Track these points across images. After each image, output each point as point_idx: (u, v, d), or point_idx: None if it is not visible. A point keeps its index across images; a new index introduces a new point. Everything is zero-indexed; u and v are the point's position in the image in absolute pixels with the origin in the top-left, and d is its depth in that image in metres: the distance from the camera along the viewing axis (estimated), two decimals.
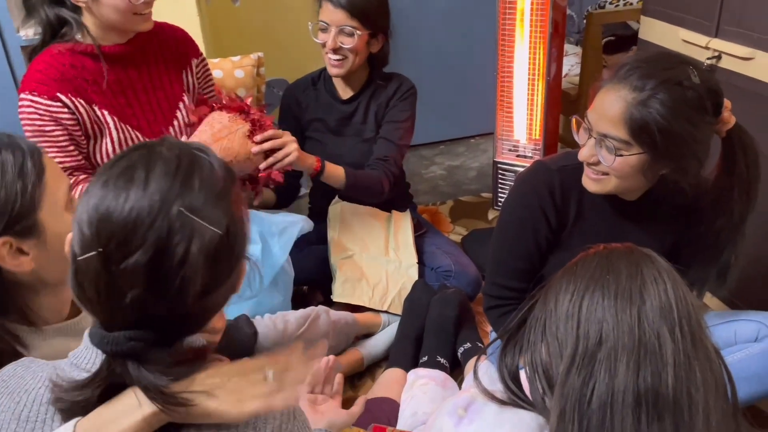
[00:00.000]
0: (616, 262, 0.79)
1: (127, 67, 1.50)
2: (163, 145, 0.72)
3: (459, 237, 2.37)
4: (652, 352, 0.73)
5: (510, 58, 2.00)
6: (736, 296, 1.79)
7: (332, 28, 1.68)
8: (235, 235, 0.71)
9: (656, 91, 1.10)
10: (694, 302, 0.75)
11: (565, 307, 0.78)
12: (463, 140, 3.23)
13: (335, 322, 1.60)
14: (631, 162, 1.16)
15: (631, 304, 0.75)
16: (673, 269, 0.77)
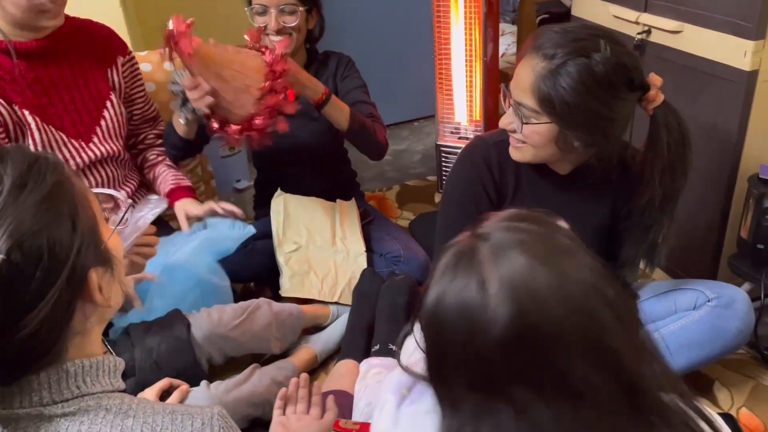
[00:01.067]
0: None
1: (47, 65, 1.42)
2: None
3: (407, 222, 2.37)
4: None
5: (446, 40, 1.99)
6: (677, 266, 1.85)
7: (271, 10, 1.63)
8: (38, 248, 0.62)
9: (564, 64, 1.10)
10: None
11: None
12: (407, 124, 3.22)
13: (278, 314, 1.57)
14: (540, 131, 1.17)
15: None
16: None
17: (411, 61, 2.79)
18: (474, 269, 0.62)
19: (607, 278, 0.62)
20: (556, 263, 0.61)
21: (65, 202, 0.66)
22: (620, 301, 0.62)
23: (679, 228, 1.79)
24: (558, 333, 0.58)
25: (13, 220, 0.61)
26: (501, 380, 0.60)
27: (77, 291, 0.66)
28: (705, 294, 1.37)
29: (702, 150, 1.67)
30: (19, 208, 0.62)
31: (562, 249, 0.63)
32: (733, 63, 1.51)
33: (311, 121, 1.79)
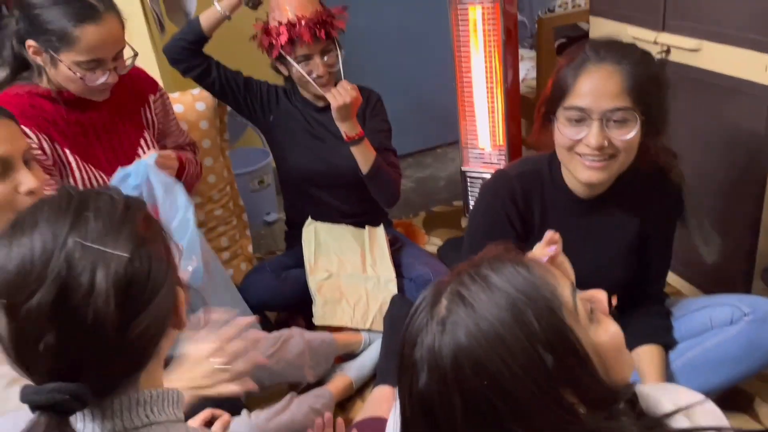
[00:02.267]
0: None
1: (86, 109, 1.49)
2: (61, 189, 0.72)
3: (435, 247, 2.39)
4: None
5: (467, 68, 2.03)
6: (710, 281, 1.83)
7: (316, 57, 1.74)
8: (148, 259, 0.69)
9: (639, 59, 1.18)
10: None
11: None
12: (430, 151, 3.26)
13: (310, 342, 1.59)
14: (638, 131, 1.18)
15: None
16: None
17: (433, 90, 2.84)
18: (432, 304, 0.66)
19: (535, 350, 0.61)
20: (482, 344, 0.62)
21: (156, 224, 0.75)
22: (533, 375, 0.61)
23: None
24: (454, 406, 0.62)
25: (131, 230, 0.69)
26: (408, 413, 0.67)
27: (171, 303, 0.73)
28: (741, 309, 1.35)
29: (729, 164, 1.68)
30: (132, 222, 0.70)
31: (500, 321, 0.62)
32: (753, 78, 1.53)
33: (343, 145, 1.85)
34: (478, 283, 0.65)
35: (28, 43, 1.37)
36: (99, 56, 1.36)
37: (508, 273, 0.65)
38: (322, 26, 1.71)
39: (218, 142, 1.96)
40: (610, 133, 1.17)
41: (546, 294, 0.63)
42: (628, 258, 1.38)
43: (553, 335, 0.61)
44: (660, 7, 1.75)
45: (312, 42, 1.71)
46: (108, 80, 1.40)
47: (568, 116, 1.19)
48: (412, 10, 2.89)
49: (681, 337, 1.42)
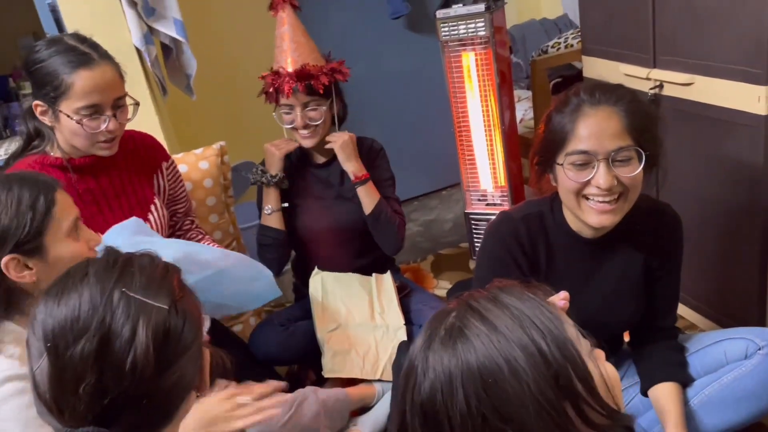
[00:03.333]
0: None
1: (98, 176, 1.51)
2: (106, 251, 0.79)
3: (444, 291, 2.37)
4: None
5: (464, 112, 2.06)
6: (723, 314, 1.81)
7: (297, 109, 1.78)
8: (183, 314, 0.74)
9: (631, 98, 1.20)
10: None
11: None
12: (435, 194, 3.28)
13: (324, 401, 1.57)
14: (638, 169, 1.19)
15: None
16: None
17: (434, 133, 2.86)
18: (433, 331, 0.66)
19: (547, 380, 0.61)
20: (493, 359, 0.61)
21: (187, 287, 0.81)
22: (547, 406, 0.60)
23: (722, 276, 1.78)
24: (455, 426, 0.61)
25: (170, 287, 0.76)
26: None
27: (199, 361, 0.77)
28: (755, 342, 1.33)
29: (730, 196, 1.67)
30: (171, 281, 0.77)
31: (510, 348, 0.62)
32: (748, 109, 1.53)
33: (345, 201, 1.88)
34: (492, 302, 0.66)
35: (35, 104, 1.40)
36: (95, 101, 1.38)
37: (521, 296, 0.66)
38: (305, 80, 1.75)
39: (223, 198, 1.98)
40: (616, 172, 1.18)
41: (557, 317, 0.65)
42: (635, 295, 1.37)
43: (563, 357, 0.62)
44: (650, 45, 1.78)
45: (290, 95, 1.76)
46: (109, 127, 1.40)
47: (572, 161, 1.20)
48: (409, 57, 2.95)
49: (696, 373, 1.39)
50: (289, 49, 1.80)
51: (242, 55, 2.70)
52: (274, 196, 1.85)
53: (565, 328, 0.64)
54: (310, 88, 1.76)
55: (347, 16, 2.84)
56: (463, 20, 1.93)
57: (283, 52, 1.80)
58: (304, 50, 1.80)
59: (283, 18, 1.82)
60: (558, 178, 1.25)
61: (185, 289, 0.79)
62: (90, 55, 1.38)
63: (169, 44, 2.04)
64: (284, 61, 1.79)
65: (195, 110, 2.43)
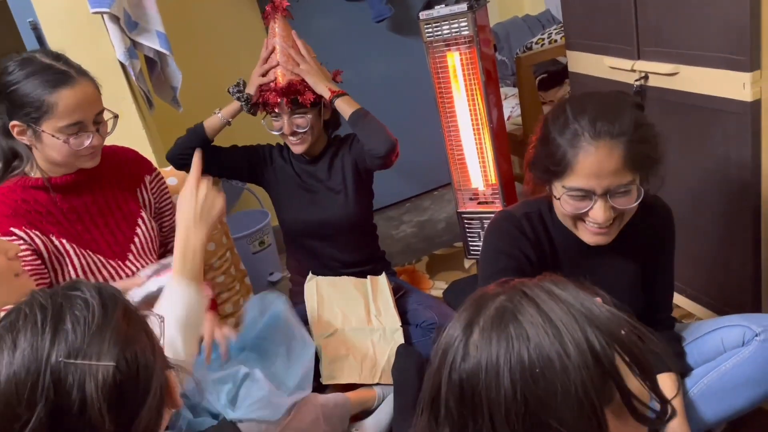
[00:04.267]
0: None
1: (81, 194, 1.50)
2: (32, 298, 0.70)
3: (440, 292, 2.37)
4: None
5: (452, 112, 2.06)
6: (720, 302, 1.81)
7: (284, 116, 1.83)
8: (134, 358, 0.68)
9: (634, 126, 1.16)
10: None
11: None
12: (427, 194, 3.28)
13: (324, 406, 1.56)
14: (637, 195, 1.19)
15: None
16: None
17: (424, 134, 2.86)
18: (475, 311, 0.65)
19: (593, 373, 0.60)
20: (544, 355, 0.60)
21: (135, 314, 0.74)
22: (591, 400, 0.60)
23: (716, 264, 1.78)
24: (495, 408, 0.60)
25: (112, 333, 0.68)
26: (441, 418, 0.64)
27: (165, 390, 0.72)
28: (752, 329, 1.33)
29: (721, 184, 1.68)
30: (112, 323, 0.69)
31: (558, 341, 0.61)
32: (734, 96, 1.54)
33: (334, 194, 1.91)
34: (547, 293, 0.64)
35: (12, 124, 1.38)
36: (79, 118, 1.37)
37: (576, 292, 0.65)
38: (291, 95, 1.80)
39: None
40: (613, 203, 1.18)
41: (615, 316, 0.64)
42: (634, 289, 1.38)
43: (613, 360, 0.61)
44: (633, 36, 1.79)
45: (276, 106, 1.83)
46: (93, 143, 1.40)
47: (570, 195, 1.20)
48: (394, 60, 2.96)
49: (695, 362, 1.39)
50: (279, 61, 1.84)
51: (228, 65, 2.69)
52: (232, 109, 1.87)
53: (620, 328, 0.63)
54: (296, 102, 1.82)
55: (331, 22, 2.84)
56: (446, 20, 1.93)
57: (272, 64, 1.85)
58: (294, 63, 1.85)
59: (274, 29, 1.86)
60: (554, 201, 1.25)
61: (134, 323, 0.72)
62: (68, 72, 1.37)
63: (154, 57, 2.03)
64: (272, 74, 1.84)
65: (183, 123, 2.41)
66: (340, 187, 1.92)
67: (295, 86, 1.81)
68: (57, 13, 1.86)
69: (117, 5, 1.81)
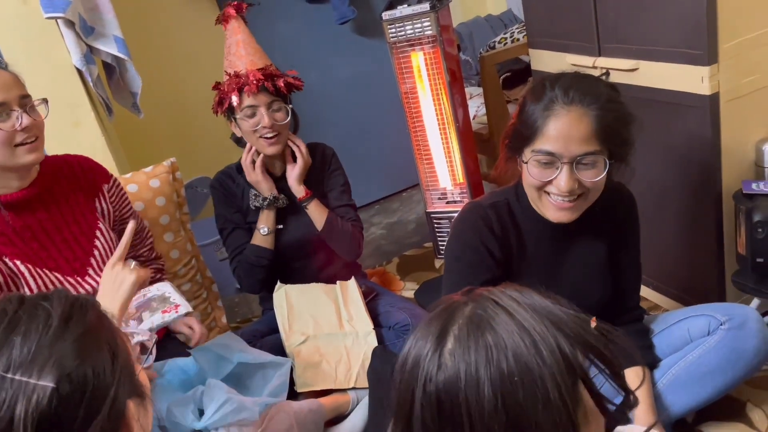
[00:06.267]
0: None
1: (34, 210, 1.43)
2: (2, 304, 0.67)
3: (412, 292, 2.37)
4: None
5: (417, 112, 2.06)
6: (686, 293, 1.84)
7: (261, 108, 1.73)
8: (83, 380, 0.63)
9: (607, 98, 1.18)
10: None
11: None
12: (396, 196, 3.27)
13: (297, 413, 1.54)
14: (602, 169, 1.19)
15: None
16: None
17: (391, 135, 2.87)
18: (444, 321, 0.64)
19: (566, 379, 0.60)
20: (522, 363, 0.60)
21: (105, 335, 0.70)
22: (567, 405, 0.60)
23: (680, 255, 1.81)
24: (476, 419, 0.59)
25: (60, 352, 0.64)
26: (413, 429, 0.62)
27: (117, 422, 0.67)
28: (716, 318, 1.36)
29: (682, 177, 1.71)
30: (66, 341, 0.64)
31: (534, 348, 0.61)
32: (693, 90, 1.57)
33: (301, 212, 1.85)
34: (515, 302, 0.64)
35: None
36: (0, 99, 1.30)
37: (542, 300, 0.65)
38: (269, 79, 1.73)
39: (177, 216, 1.94)
40: (579, 175, 1.18)
41: (583, 321, 0.65)
42: (602, 277, 1.38)
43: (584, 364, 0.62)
44: (593, 34, 1.81)
45: (257, 92, 1.72)
46: (23, 123, 1.32)
47: (537, 159, 1.20)
48: (359, 62, 2.95)
49: (662, 353, 1.41)
50: (246, 53, 1.77)
51: (188, 70, 2.65)
52: (270, 217, 1.82)
53: (585, 330, 0.64)
54: (275, 87, 1.74)
55: (294, 25, 2.82)
56: (410, 20, 1.93)
57: (240, 57, 1.77)
58: (261, 56, 1.79)
59: (235, 27, 1.79)
60: (522, 169, 1.26)
61: (94, 338, 0.67)
62: None
63: (112, 63, 1.98)
64: (242, 65, 1.76)
65: (144, 129, 2.37)
66: (309, 203, 1.86)
67: (271, 72, 1.75)
68: (10, 19, 1.80)
69: (72, 10, 1.76)
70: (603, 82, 1.25)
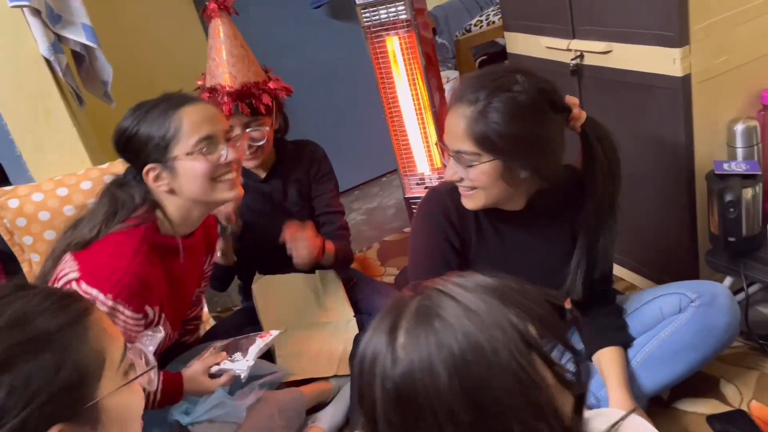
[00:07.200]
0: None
1: (186, 259, 1.40)
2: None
3: (392, 278, 2.37)
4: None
5: (394, 97, 2.05)
6: (662, 272, 1.87)
7: (237, 129, 1.67)
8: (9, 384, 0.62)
9: (489, 101, 1.18)
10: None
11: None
12: (375, 181, 3.27)
13: (278, 402, 1.55)
14: (486, 170, 1.21)
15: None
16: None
17: (369, 121, 2.85)
18: (394, 318, 0.65)
19: (522, 352, 0.61)
20: (472, 342, 0.61)
21: (55, 345, 0.66)
22: (527, 377, 0.61)
23: (654, 235, 1.84)
24: (438, 406, 0.60)
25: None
26: (379, 428, 0.63)
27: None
28: (687, 296, 1.38)
29: (656, 158, 1.73)
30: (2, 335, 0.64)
31: (482, 327, 0.62)
32: (665, 72, 1.58)
33: (288, 217, 1.78)
34: (459, 286, 0.65)
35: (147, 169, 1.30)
36: (207, 132, 1.30)
37: (484, 279, 0.66)
38: (246, 98, 1.64)
39: None
40: (460, 169, 1.24)
41: (527, 291, 0.67)
42: (567, 263, 1.39)
43: (536, 333, 0.63)
44: (567, 16, 1.81)
45: (230, 115, 1.64)
46: (229, 156, 1.32)
47: (442, 149, 1.27)
48: (335, 47, 2.92)
49: (637, 332, 1.44)
50: (226, 63, 1.67)
51: (160, 57, 2.61)
52: (225, 245, 1.73)
53: (535, 302, 0.65)
54: (252, 107, 1.65)
55: (268, 10, 2.78)
56: (383, 5, 1.91)
57: (219, 65, 1.68)
58: (243, 64, 1.68)
59: (217, 27, 1.68)
60: None
61: (22, 355, 0.64)
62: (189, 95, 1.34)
63: (81, 51, 1.94)
64: (221, 77, 1.67)
65: (117, 119, 2.33)
66: (296, 207, 1.83)
67: (249, 89, 1.65)
68: None
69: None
70: (504, 84, 1.19)
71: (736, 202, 1.54)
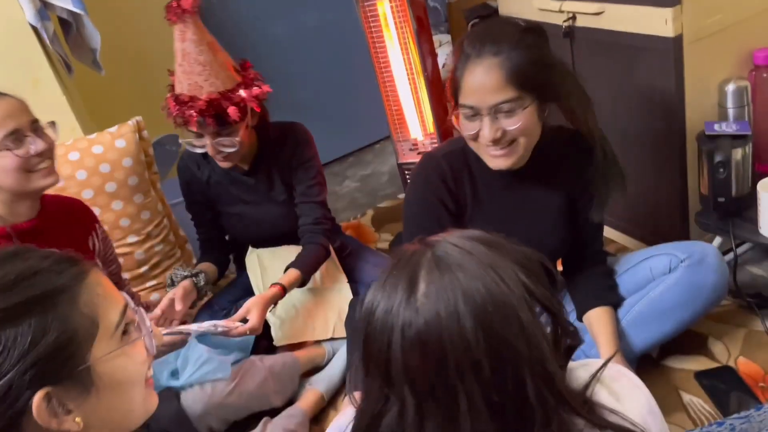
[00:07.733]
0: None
1: (42, 242, 1.36)
2: None
3: (387, 244, 2.39)
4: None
5: (386, 63, 2.04)
6: (652, 233, 1.89)
7: (207, 138, 1.59)
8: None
9: (513, 45, 1.19)
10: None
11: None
12: (369, 148, 3.26)
13: (271, 367, 1.57)
14: (530, 113, 1.21)
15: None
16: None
17: (361, 87, 2.83)
18: (410, 270, 0.65)
19: (530, 304, 0.64)
20: (493, 293, 0.63)
21: (41, 309, 0.67)
22: (536, 329, 0.64)
23: (645, 197, 1.85)
24: (460, 354, 0.61)
25: None
26: (397, 380, 0.64)
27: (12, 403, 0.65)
28: (677, 256, 1.40)
29: (647, 119, 1.73)
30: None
31: (499, 279, 0.64)
32: (657, 32, 1.57)
33: (277, 205, 1.79)
34: (470, 240, 0.66)
35: None
36: (11, 127, 1.29)
37: (489, 236, 0.68)
38: (213, 110, 1.53)
39: (146, 176, 1.91)
40: (501, 124, 1.21)
41: (527, 251, 0.69)
42: (561, 224, 1.40)
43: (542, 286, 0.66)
44: None
45: (197, 128, 1.57)
46: (39, 147, 1.31)
47: (463, 113, 1.23)
48: (326, 11, 2.87)
49: (626, 292, 1.46)
50: (192, 72, 1.54)
51: (149, 23, 2.55)
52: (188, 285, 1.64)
53: (531, 261, 0.67)
54: (220, 118, 1.55)
55: None
56: None
57: (184, 72, 1.55)
58: (210, 72, 1.54)
59: (183, 32, 1.53)
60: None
61: (35, 304, 0.66)
62: None
63: (68, 18, 1.92)
64: (186, 88, 1.55)
65: (107, 87, 2.31)
66: (282, 197, 1.78)
67: (217, 101, 1.53)
68: None
69: None
70: (516, 26, 1.24)
71: (725, 163, 1.55)
